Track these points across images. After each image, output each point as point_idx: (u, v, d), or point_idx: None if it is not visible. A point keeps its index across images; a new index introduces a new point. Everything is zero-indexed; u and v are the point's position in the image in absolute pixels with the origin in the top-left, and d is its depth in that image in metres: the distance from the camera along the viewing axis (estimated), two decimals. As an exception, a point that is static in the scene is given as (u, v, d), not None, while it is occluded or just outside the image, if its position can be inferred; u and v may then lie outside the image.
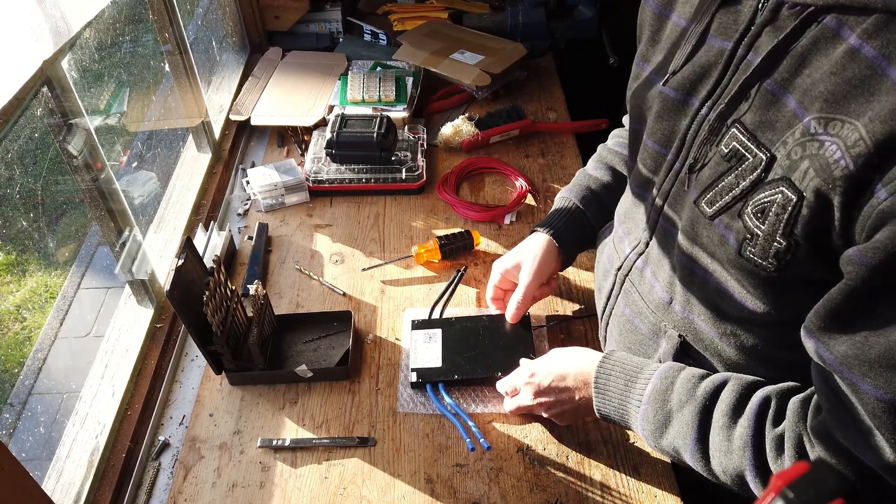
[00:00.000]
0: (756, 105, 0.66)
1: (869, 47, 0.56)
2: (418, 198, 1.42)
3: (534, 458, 0.97)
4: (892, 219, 0.53)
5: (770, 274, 0.66)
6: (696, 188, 0.72)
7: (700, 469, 0.75)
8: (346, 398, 1.05)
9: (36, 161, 1.34)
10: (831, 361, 0.61)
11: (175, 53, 1.34)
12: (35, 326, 2.48)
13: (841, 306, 0.59)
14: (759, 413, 0.69)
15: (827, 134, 0.58)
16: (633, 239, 0.90)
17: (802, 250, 0.62)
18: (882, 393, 0.56)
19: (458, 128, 1.53)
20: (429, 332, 1.09)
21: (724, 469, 0.72)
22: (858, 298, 0.58)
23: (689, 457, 0.75)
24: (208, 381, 1.08)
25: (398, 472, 0.95)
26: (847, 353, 0.59)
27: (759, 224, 0.64)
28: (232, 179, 1.49)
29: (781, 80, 0.64)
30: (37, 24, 0.91)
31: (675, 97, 0.76)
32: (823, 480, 0.43)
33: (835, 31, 0.60)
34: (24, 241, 2.32)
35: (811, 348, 0.64)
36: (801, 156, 0.60)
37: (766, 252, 0.65)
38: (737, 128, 0.67)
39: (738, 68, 0.69)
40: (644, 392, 0.78)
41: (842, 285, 0.59)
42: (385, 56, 1.80)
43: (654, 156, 0.81)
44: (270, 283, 1.25)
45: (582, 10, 1.93)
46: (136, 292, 1.15)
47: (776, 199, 0.62)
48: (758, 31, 0.66)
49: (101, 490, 0.94)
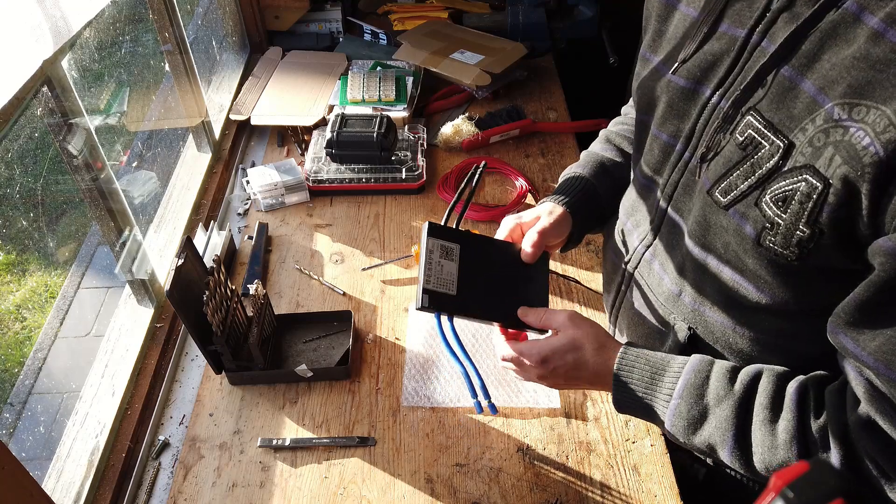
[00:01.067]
0: (773, 92, 0.65)
1: (894, 31, 0.55)
2: (418, 197, 1.42)
3: (534, 458, 0.97)
4: None
5: (791, 262, 0.64)
6: (708, 178, 0.71)
7: (738, 466, 0.72)
8: (346, 398, 1.05)
9: (36, 161, 1.34)
10: (865, 358, 0.59)
11: (175, 53, 1.34)
12: (35, 326, 2.48)
13: (871, 299, 0.58)
14: (800, 405, 0.67)
15: (852, 120, 0.57)
16: (641, 231, 0.89)
17: (827, 238, 0.61)
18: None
19: (458, 128, 1.53)
20: (447, 246, 0.89)
21: (769, 465, 0.69)
22: (891, 290, 0.56)
23: (727, 453, 0.72)
24: (208, 381, 1.08)
25: (398, 472, 0.95)
26: (882, 349, 0.58)
27: (781, 213, 0.63)
28: (232, 179, 1.49)
29: (799, 66, 0.63)
30: (37, 24, 0.91)
31: (685, 85, 0.75)
32: (823, 480, 0.42)
33: (856, 15, 0.59)
34: (24, 240, 2.32)
35: (841, 344, 0.62)
36: (825, 142, 0.59)
37: (789, 241, 0.63)
38: (752, 115, 0.66)
39: (751, 55, 0.68)
40: (676, 386, 0.75)
41: (873, 278, 0.57)
42: (385, 56, 1.80)
43: (662, 147, 0.80)
44: (270, 282, 1.25)
45: (582, 10, 1.93)
46: (136, 292, 1.15)
47: (800, 187, 0.61)
48: (773, 17, 0.65)
49: (101, 490, 0.94)
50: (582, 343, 0.81)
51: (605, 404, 1.03)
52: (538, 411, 1.02)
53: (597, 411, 1.02)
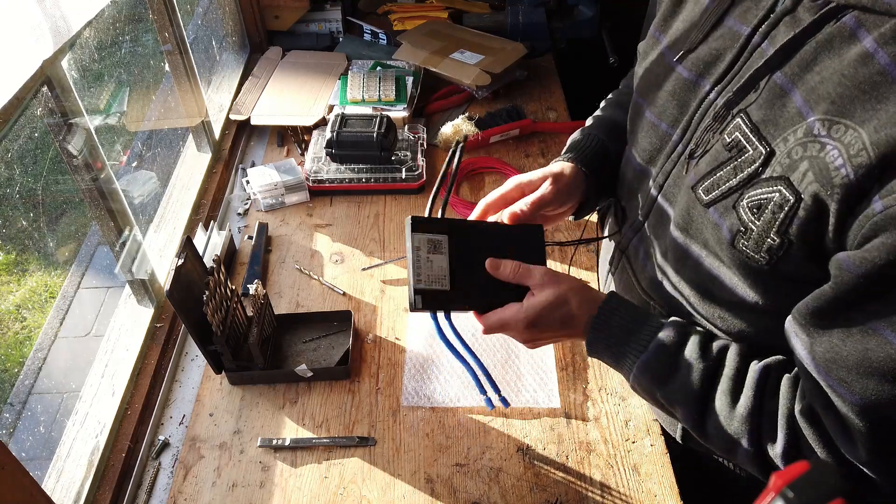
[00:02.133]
0: (763, 97, 0.66)
1: (884, 53, 0.56)
2: (418, 197, 1.42)
3: (534, 457, 0.97)
4: (884, 231, 0.53)
5: (762, 267, 0.66)
6: (694, 174, 0.72)
7: (690, 425, 0.75)
8: (345, 398, 1.05)
9: (36, 161, 1.34)
10: (810, 362, 0.63)
11: (175, 53, 1.34)
12: (35, 326, 2.48)
13: (824, 308, 0.61)
14: (760, 385, 0.70)
15: (830, 137, 0.58)
16: (632, 215, 0.90)
17: (795, 248, 0.63)
18: (858, 398, 0.59)
19: (458, 127, 1.53)
20: (434, 239, 0.83)
21: (719, 432, 0.71)
22: (842, 303, 0.59)
23: (684, 411, 0.74)
24: (208, 381, 1.08)
25: (398, 472, 0.95)
26: (826, 357, 0.61)
27: (755, 219, 0.65)
28: (232, 179, 1.49)
29: (791, 75, 0.63)
30: (37, 24, 0.91)
31: (687, 77, 0.76)
32: (824, 480, 0.42)
33: (852, 30, 0.59)
34: (24, 240, 2.32)
35: (792, 345, 0.66)
36: (802, 156, 0.60)
37: (760, 246, 0.65)
38: (741, 118, 0.67)
39: (751, 55, 0.68)
40: (652, 340, 0.76)
41: (825, 288, 0.60)
42: (385, 56, 1.80)
43: (660, 135, 0.81)
44: (270, 282, 1.25)
45: (582, 10, 1.93)
46: (136, 292, 1.15)
47: (773, 197, 0.62)
48: (776, 19, 0.66)
49: (101, 489, 0.94)
50: (566, 297, 0.80)
51: (605, 404, 1.03)
52: (538, 411, 1.02)
53: (597, 411, 1.02)
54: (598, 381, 1.06)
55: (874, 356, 0.57)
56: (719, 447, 0.73)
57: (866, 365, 0.58)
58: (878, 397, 0.58)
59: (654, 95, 0.81)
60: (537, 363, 1.09)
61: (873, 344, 0.57)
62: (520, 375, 1.07)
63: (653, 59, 0.84)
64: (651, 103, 0.82)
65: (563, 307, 0.79)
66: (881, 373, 0.57)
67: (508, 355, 1.10)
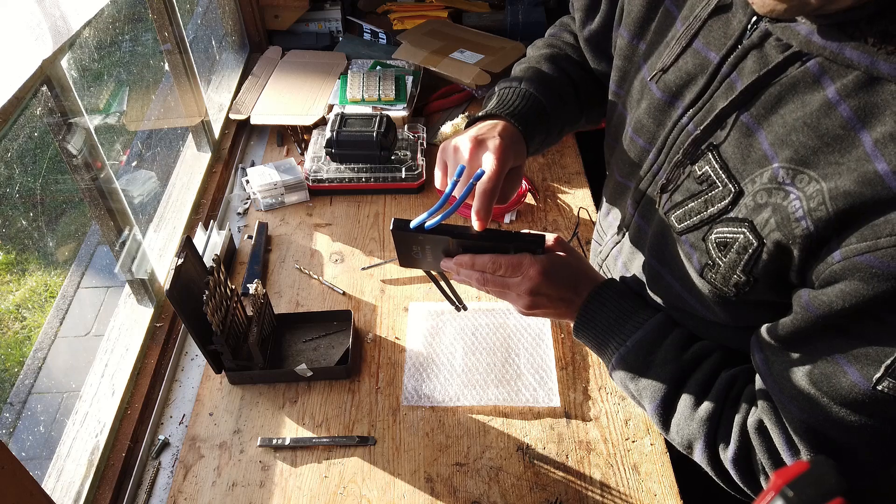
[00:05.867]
0: (732, 136, 0.66)
1: (846, 106, 0.56)
2: (418, 197, 1.42)
3: (533, 457, 0.97)
4: (841, 280, 0.56)
5: (729, 298, 0.69)
6: (669, 202, 0.74)
7: (656, 422, 0.78)
8: (345, 397, 1.05)
9: (36, 160, 1.34)
10: (767, 376, 0.66)
11: (175, 52, 1.34)
12: (35, 326, 2.48)
13: (786, 335, 0.63)
14: (725, 392, 0.73)
15: (794, 186, 0.59)
16: (613, 229, 0.91)
17: (761, 285, 0.65)
18: (806, 416, 0.62)
19: (458, 127, 1.53)
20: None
21: (679, 432, 0.75)
22: (802, 333, 0.62)
23: (651, 408, 0.77)
24: (208, 381, 1.08)
25: (398, 471, 0.95)
26: (782, 374, 0.64)
27: (721, 256, 0.66)
28: (232, 178, 1.49)
29: (757, 116, 0.63)
30: (36, 23, 0.91)
31: (661, 98, 0.76)
32: (823, 480, 0.43)
33: (816, 77, 0.59)
34: (23, 240, 2.32)
35: (755, 356, 0.69)
36: (766, 202, 0.61)
37: (727, 280, 0.67)
38: (712, 153, 0.68)
39: (721, 84, 0.68)
40: (633, 336, 0.78)
41: (786, 320, 0.63)
42: (385, 55, 1.79)
43: (637, 151, 0.81)
44: (270, 282, 1.25)
45: (582, 9, 1.93)
46: (136, 291, 1.15)
47: (738, 238, 0.64)
48: (744, 52, 0.65)
49: (101, 489, 0.94)
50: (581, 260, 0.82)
51: (606, 404, 1.03)
52: (538, 411, 1.02)
53: (597, 411, 1.02)
54: (598, 381, 1.06)
55: (829, 382, 0.60)
56: (679, 444, 0.77)
57: (818, 388, 0.61)
58: (825, 418, 0.61)
59: (634, 108, 0.82)
60: (537, 362, 1.09)
61: (830, 370, 0.60)
62: (520, 374, 1.07)
63: (631, 69, 0.83)
64: (630, 111, 0.83)
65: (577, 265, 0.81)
66: (831, 396, 0.60)
67: (508, 354, 1.10)
